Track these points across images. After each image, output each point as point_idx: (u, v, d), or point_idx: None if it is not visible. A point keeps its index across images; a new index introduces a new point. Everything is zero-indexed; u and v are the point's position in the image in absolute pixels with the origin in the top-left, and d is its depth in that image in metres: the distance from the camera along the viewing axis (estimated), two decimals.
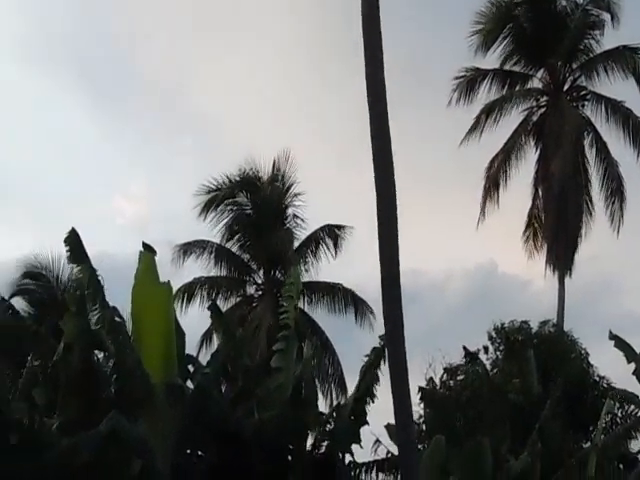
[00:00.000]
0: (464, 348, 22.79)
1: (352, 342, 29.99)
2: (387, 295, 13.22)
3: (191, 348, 18.92)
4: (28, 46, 47.34)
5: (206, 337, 26.09)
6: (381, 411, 15.51)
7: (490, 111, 29.94)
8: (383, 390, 14.71)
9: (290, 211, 27.78)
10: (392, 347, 13.32)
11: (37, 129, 47.95)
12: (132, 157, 49.16)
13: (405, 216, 13.67)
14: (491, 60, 30.43)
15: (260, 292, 27.90)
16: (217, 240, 27.52)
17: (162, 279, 13.15)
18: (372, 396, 14.76)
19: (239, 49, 45.38)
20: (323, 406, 23.55)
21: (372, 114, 13.56)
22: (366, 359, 15.15)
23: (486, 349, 23.37)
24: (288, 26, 42.98)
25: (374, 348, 14.93)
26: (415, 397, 19.93)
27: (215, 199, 27.21)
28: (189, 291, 26.70)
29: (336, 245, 27.36)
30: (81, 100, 48.84)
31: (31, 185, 46.51)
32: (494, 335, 23.40)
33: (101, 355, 14.55)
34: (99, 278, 13.31)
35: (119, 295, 14.18)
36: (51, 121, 47.94)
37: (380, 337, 14.69)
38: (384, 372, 14.36)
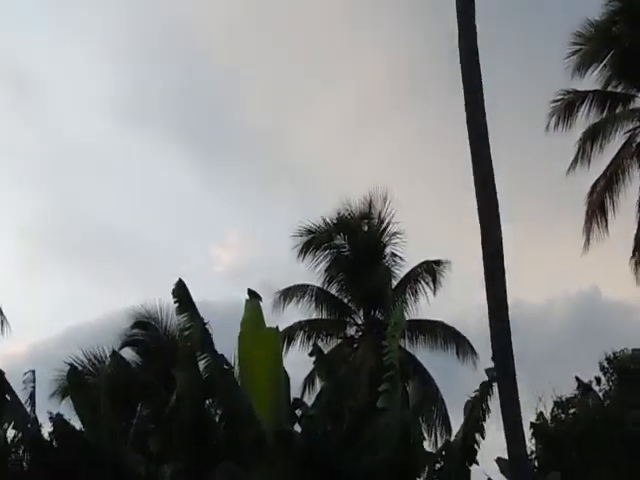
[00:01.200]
0: (577, 379, 22.33)
1: (454, 379, 29.77)
2: (495, 329, 13.18)
3: (293, 392, 19.17)
4: (127, 101, 49.13)
5: (309, 380, 26.29)
6: (488, 449, 15.38)
7: (594, 136, 29.25)
8: (490, 427, 14.58)
9: (388, 250, 27.93)
10: (502, 379, 13.23)
11: (137, 182, 49.59)
12: (228, 205, 50.27)
13: (506, 246, 13.65)
14: (588, 82, 29.93)
15: (360, 333, 28.02)
16: (316, 283, 27.84)
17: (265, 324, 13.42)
18: (482, 432, 14.63)
19: (332, 91, 46.06)
20: (428, 445, 23.44)
21: (475, 160, 13.58)
22: (472, 395, 15.03)
23: (598, 380, 22.84)
24: (383, 65, 43.40)
25: (483, 382, 14.82)
26: (526, 433, 19.60)
27: (313, 242, 27.61)
28: (290, 335, 27.01)
29: (435, 281, 27.32)
30: (178, 150, 50.36)
31: (132, 237, 48.02)
32: (606, 365, 22.84)
33: (210, 401, 14.87)
34: (207, 327, 13.69)
35: (221, 342, 14.52)
36: (150, 173, 49.53)
37: (487, 371, 14.59)
38: (493, 407, 14.21)
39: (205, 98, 49.27)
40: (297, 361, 26.75)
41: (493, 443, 13.17)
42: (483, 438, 14.65)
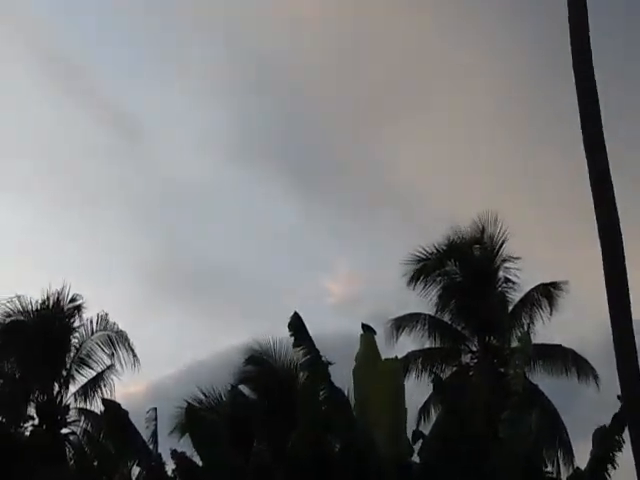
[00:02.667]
0: None
1: (575, 404, 29.13)
2: (620, 353, 12.86)
3: (408, 422, 19.17)
4: (228, 138, 50.18)
5: (424, 410, 26.17)
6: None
7: None
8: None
9: (501, 274, 27.62)
10: (632, 407, 12.87)
11: (243, 218, 50.52)
12: (335, 235, 50.68)
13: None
14: None
15: (475, 360, 27.72)
16: (428, 311, 27.72)
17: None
18: (613, 462, 14.30)
19: (434, 113, 46.03)
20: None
21: (594, 177, 13.33)
22: (601, 424, 14.72)
23: None
24: (491, 84, 43.17)
25: (615, 415, 14.45)
26: None
27: (423, 269, 27.55)
28: (404, 365, 26.93)
29: (552, 304, 26.86)
30: (282, 184, 51.12)
31: (242, 272, 48.86)
32: None
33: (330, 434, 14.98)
34: (324, 360, 13.86)
35: (333, 374, 14.64)
36: (255, 208, 50.37)
37: (619, 397, 14.23)
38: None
39: (304, 130, 49.97)
40: (412, 392, 26.70)
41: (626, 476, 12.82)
42: (614, 468, 14.34)
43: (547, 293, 27.19)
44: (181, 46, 49.92)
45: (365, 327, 13.59)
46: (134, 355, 26.39)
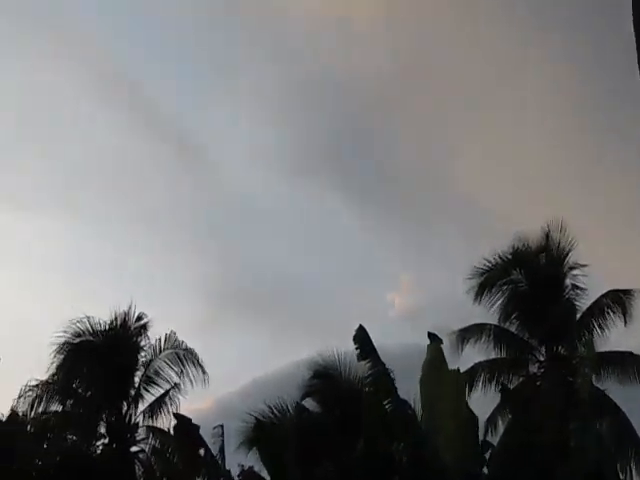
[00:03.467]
0: None
1: None
2: None
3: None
4: (288, 153, 50.61)
5: (490, 422, 25.96)
6: None
7: None
8: None
9: (568, 282, 27.33)
10: None
11: (306, 232, 50.82)
12: (398, 247, 50.66)
13: None
14: None
15: (543, 369, 27.44)
16: (494, 321, 27.53)
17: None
18: None
19: (497, 124, 45.81)
20: None
21: None
22: None
23: None
24: (555, 90, 42.80)
25: None
26: None
27: (488, 279, 27.42)
28: (471, 377, 26.77)
29: (624, 312, 26.45)
30: (345, 197, 51.32)
31: (306, 286, 49.12)
32: None
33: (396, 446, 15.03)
34: (389, 373, 13.94)
35: (399, 385, 14.68)
36: (318, 222, 50.66)
37: None
38: None
39: (367, 143, 50.13)
40: (479, 402, 26.55)
41: None
42: None
43: (618, 300, 26.81)
44: (242, 62, 50.60)
45: (432, 336, 13.66)
46: (203, 372, 26.72)
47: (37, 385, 26.09)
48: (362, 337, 14.27)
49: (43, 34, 49.98)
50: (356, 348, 14.36)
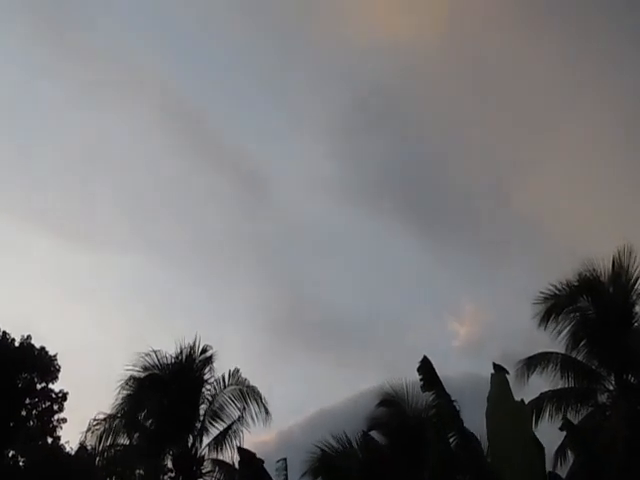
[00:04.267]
0: None
1: None
2: None
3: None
4: (348, 180, 50.82)
5: (560, 452, 25.53)
6: None
7: None
8: None
9: (638, 309, 26.83)
10: None
11: (366, 261, 50.88)
12: (459, 276, 50.39)
13: None
14: None
15: (612, 399, 26.90)
16: (561, 350, 27.14)
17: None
18: None
19: (564, 150, 45.44)
20: None
21: None
22: None
23: None
24: (619, 110, 42.35)
25: None
26: None
27: (554, 306, 27.07)
28: (537, 407, 26.41)
29: None
30: (403, 226, 51.31)
31: (368, 316, 49.12)
32: None
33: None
34: (454, 404, 13.85)
35: (464, 416, 14.58)
36: (379, 252, 50.66)
37: None
38: None
39: (423, 170, 50.11)
40: (547, 432, 26.15)
41: None
42: None
43: None
44: (304, 94, 51.05)
45: (497, 367, 13.49)
46: (266, 410, 26.84)
47: (105, 419, 26.46)
48: (426, 368, 14.21)
49: (108, 70, 51.25)
50: (420, 379, 14.30)
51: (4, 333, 36.87)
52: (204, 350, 27.52)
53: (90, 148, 48.09)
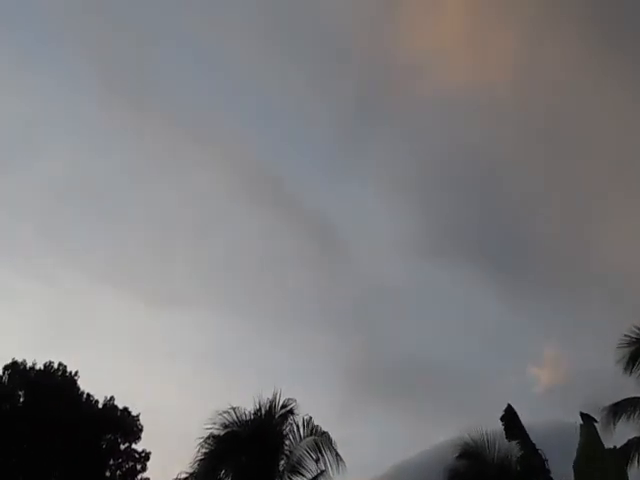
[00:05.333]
0: None
1: None
2: None
3: None
4: (422, 234, 50.82)
5: None
6: None
7: None
8: None
9: None
10: None
11: (441, 312, 50.62)
12: (539, 322, 49.77)
13: None
14: None
15: None
16: None
17: None
18: None
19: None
20: None
21: None
22: None
23: None
24: None
25: None
26: None
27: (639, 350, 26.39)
28: (625, 453, 25.70)
29: None
30: (480, 276, 51.01)
31: (445, 366, 48.72)
32: None
33: None
34: (540, 452, 13.57)
35: (550, 465, 14.26)
36: (455, 302, 50.42)
37: None
38: None
39: (502, 221, 49.93)
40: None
41: None
42: None
43: None
44: (375, 153, 51.48)
45: (585, 416, 13.08)
46: (338, 457, 26.58)
47: (186, 478, 26.51)
48: (510, 416, 13.97)
49: (188, 136, 52.48)
50: (504, 428, 14.03)
51: (88, 395, 37.46)
52: (284, 405, 27.48)
53: (170, 213, 49.38)
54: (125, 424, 37.27)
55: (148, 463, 37.53)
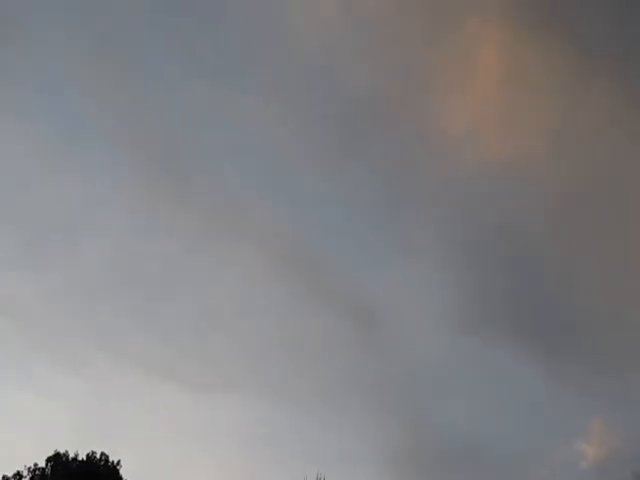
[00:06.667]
0: None
1: None
2: None
3: None
4: (463, 308, 50.20)
5: None
6: None
7: None
8: None
9: None
10: None
11: (484, 389, 49.70)
12: (585, 396, 48.68)
13: None
14: None
15: None
16: None
17: None
18: None
19: None
20: None
21: None
22: None
23: None
24: None
25: None
26: None
27: None
28: None
29: None
30: (522, 350, 50.21)
31: (491, 444, 47.68)
32: None
33: None
34: None
35: None
36: (497, 378, 49.47)
37: None
38: None
39: (538, 290, 49.21)
40: None
41: None
42: None
43: None
44: (411, 226, 51.26)
45: None
46: None
47: None
48: None
49: (224, 217, 52.64)
50: None
51: None
52: None
53: (209, 296, 49.15)
54: None
55: None
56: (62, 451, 37.34)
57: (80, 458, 37.53)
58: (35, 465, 36.30)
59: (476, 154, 49.00)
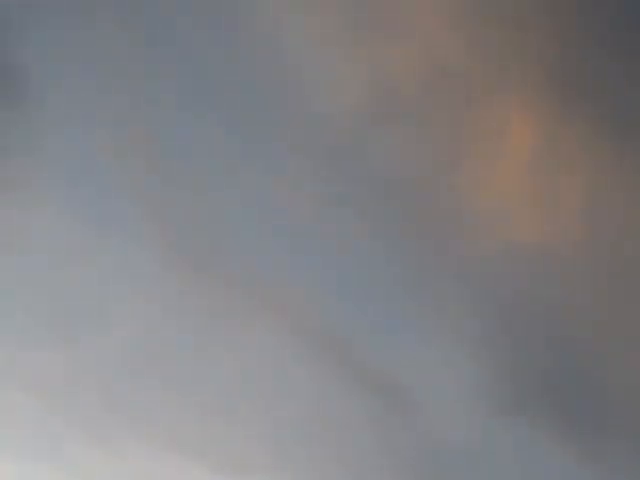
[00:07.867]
0: None
1: None
2: None
3: None
4: (495, 390, 49.71)
5: None
6: None
7: None
8: None
9: None
10: None
11: (520, 475, 48.92)
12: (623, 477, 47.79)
13: None
14: None
15: None
16: None
17: None
18: None
19: None
20: None
21: None
22: None
23: None
24: None
25: None
26: None
27: None
28: None
29: None
30: (559, 439, 49.44)
31: None
32: None
33: None
34: None
35: None
36: (534, 466, 48.73)
37: None
38: None
39: (578, 377, 48.73)
40: None
41: None
42: None
43: None
44: (439, 301, 51.02)
45: None
46: None
47: None
48: None
49: (244, 293, 52.47)
50: None
51: None
52: None
53: (234, 376, 48.85)
54: None
55: None
56: None
57: None
58: None
59: (508, 235, 49.13)
